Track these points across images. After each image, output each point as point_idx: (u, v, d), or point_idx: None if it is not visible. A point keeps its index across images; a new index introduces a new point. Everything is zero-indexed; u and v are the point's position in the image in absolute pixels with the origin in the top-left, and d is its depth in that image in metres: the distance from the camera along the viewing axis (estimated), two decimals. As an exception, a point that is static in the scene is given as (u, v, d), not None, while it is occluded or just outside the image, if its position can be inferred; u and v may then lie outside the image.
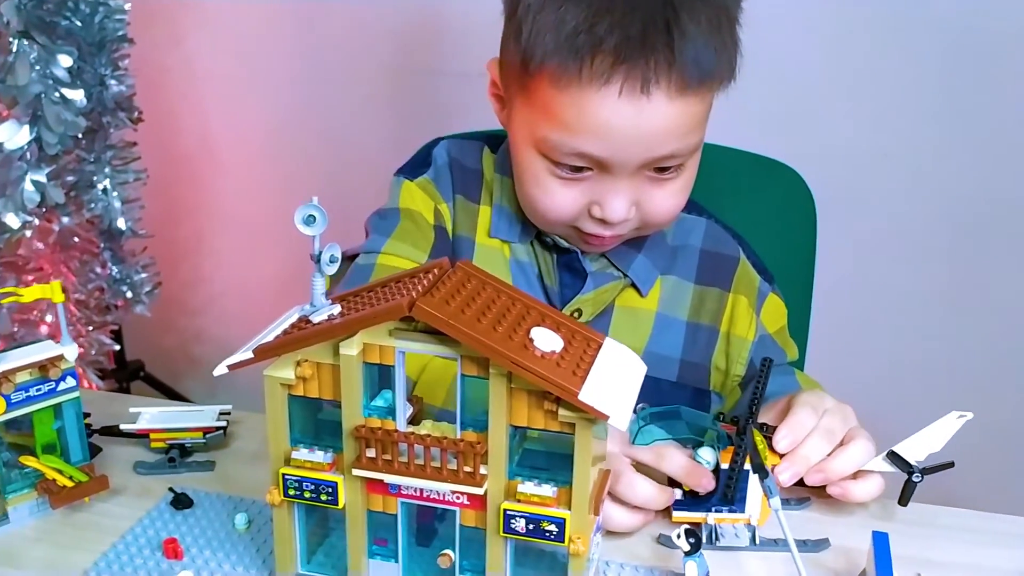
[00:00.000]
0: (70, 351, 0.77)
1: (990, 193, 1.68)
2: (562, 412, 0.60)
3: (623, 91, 0.82)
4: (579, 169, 0.88)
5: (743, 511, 0.76)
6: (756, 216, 1.15)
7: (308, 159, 2.02)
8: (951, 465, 0.80)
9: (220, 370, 0.64)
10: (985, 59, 1.61)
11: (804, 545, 0.77)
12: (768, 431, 0.79)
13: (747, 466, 0.75)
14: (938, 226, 1.72)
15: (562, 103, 0.85)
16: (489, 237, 1.01)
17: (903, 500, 0.79)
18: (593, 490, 0.64)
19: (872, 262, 1.77)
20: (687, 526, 0.69)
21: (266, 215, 2.07)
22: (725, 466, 0.75)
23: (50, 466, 0.78)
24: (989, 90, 1.62)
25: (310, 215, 0.62)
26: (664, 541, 0.78)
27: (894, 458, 0.79)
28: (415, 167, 1.04)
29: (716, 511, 0.77)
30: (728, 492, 0.74)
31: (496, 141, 1.04)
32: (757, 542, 0.77)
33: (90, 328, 1.77)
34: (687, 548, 0.68)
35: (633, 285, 0.99)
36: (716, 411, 0.88)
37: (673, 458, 0.77)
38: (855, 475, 0.80)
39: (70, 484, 0.78)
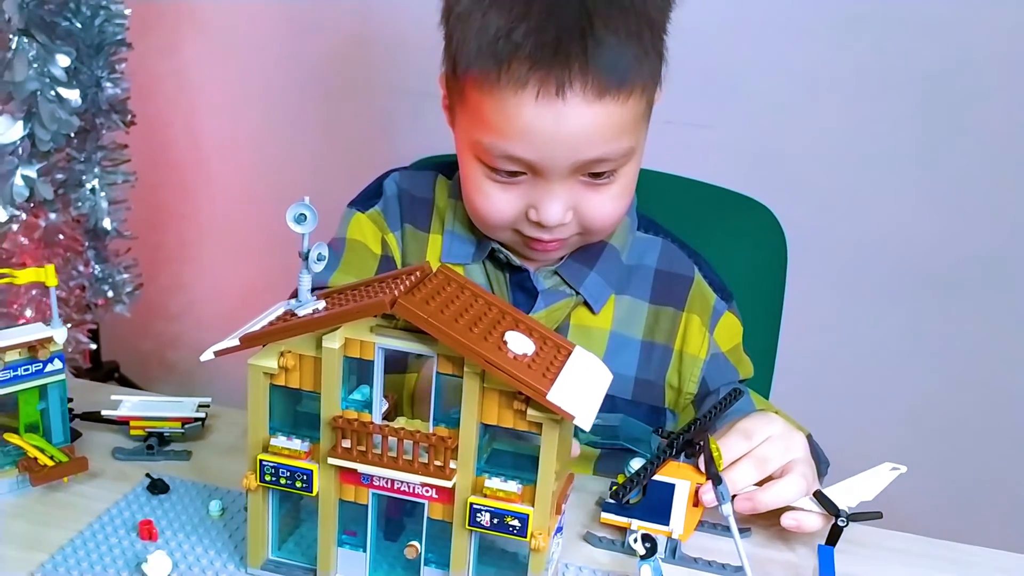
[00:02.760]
0: (59, 334, 0.80)
1: (957, 245, 1.73)
2: (531, 412, 0.64)
3: (540, 95, 0.85)
4: (514, 174, 0.91)
5: (667, 523, 0.77)
6: (727, 250, 1.17)
7: (297, 172, 2.05)
8: (879, 515, 0.80)
9: (207, 356, 0.67)
10: (959, 112, 1.66)
11: (723, 569, 0.78)
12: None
13: (671, 479, 0.76)
14: (903, 271, 1.77)
15: (488, 107, 0.88)
16: (441, 262, 1.01)
17: (830, 543, 0.80)
18: (556, 490, 0.67)
19: (839, 302, 1.82)
20: (644, 531, 0.72)
21: (250, 225, 2.10)
22: (663, 479, 0.76)
23: (32, 444, 0.80)
24: (962, 142, 1.68)
25: (301, 214, 0.66)
26: (589, 539, 0.80)
27: (821, 499, 0.80)
28: (367, 199, 1.07)
29: (640, 519, 0.77)
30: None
31: (453, 168, 1.05)
32: (676, 556, 0.78)
33: (68, 325, 1.78)
34: (643, 552, 0.71)
35: (586, 303, 1.01)
36: (657, 427, 0.90)
37: None
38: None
39: (51, 464, 0.80)
